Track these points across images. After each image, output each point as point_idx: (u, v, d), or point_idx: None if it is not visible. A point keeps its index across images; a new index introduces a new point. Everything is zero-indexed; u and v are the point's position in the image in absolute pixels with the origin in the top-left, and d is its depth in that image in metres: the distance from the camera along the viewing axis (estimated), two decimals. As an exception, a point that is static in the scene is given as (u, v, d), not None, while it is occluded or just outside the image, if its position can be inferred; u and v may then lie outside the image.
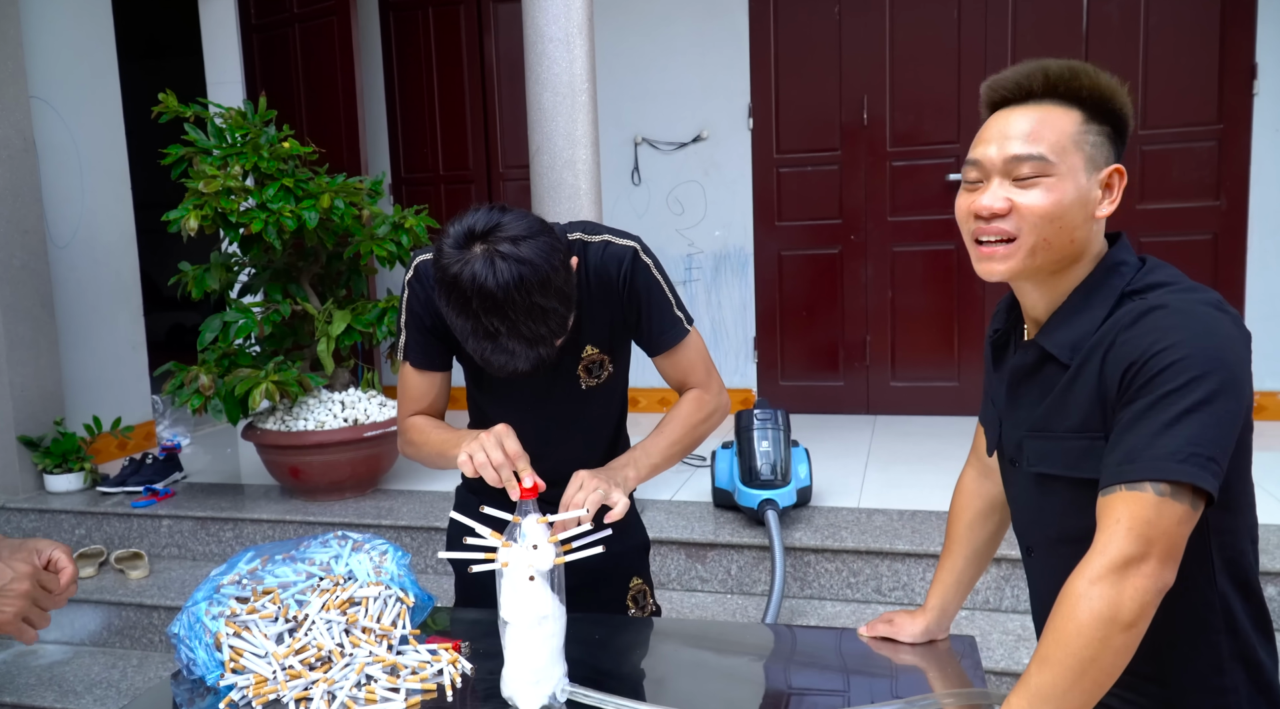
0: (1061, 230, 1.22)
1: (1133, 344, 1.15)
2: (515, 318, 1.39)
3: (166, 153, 3.53)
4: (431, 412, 1.77)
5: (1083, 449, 1.22)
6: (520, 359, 1.44)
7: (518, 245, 1.39)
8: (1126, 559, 1.09)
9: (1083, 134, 1.22)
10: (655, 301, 1.67)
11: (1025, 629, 2.84)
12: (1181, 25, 4.36)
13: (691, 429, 1.72)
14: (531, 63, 3.22)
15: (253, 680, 1.50)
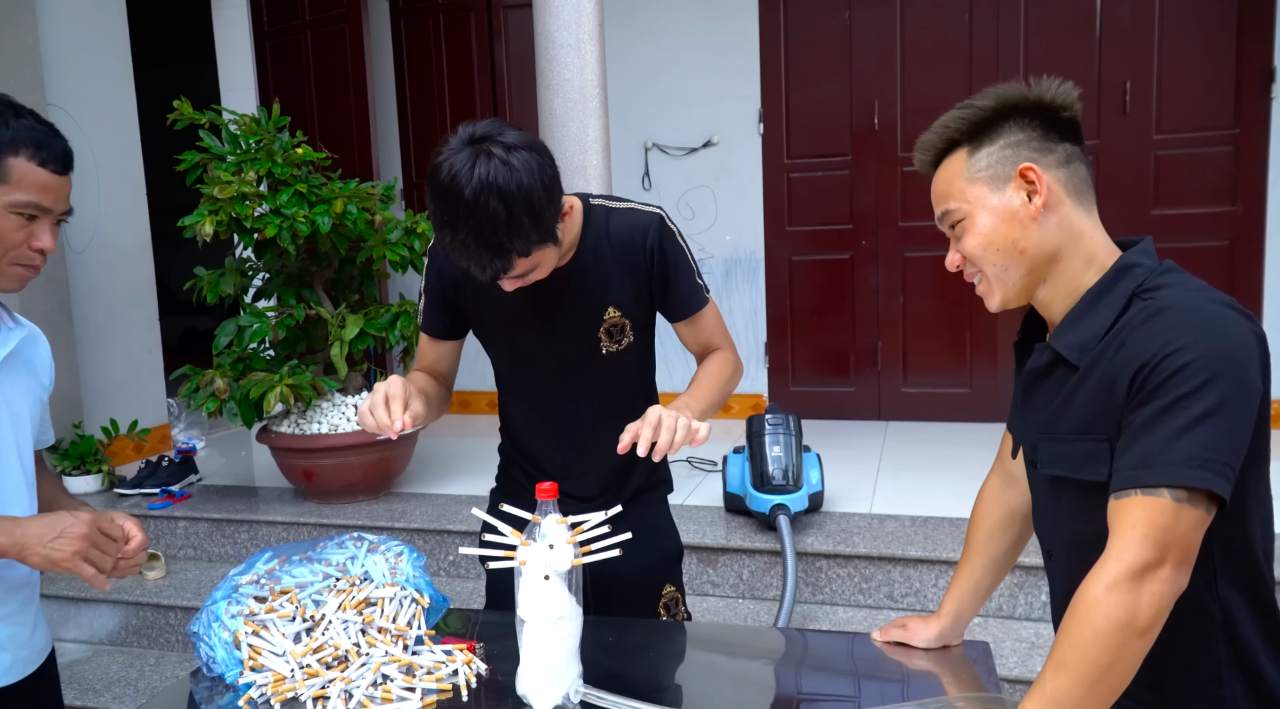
0: (1003, 250, 1.28)
1: (1143, 345, 1.15)
2: (479, 218, 1.40)
3: (181, 159, 3.55)
4: (434, 373, 1.83)
5: (1087, 452, 1.22)
6: (475, 262, 1.45)
7: (509, 153, 1.42)
8: (1144, 564, 1.09)
9: (972, 166, 1.28)
10: (681, 268, 1.72)
11: (1039, 636, 2.84)
12: (1197, 29, 4.35)
13: (723, 384, 1.75)
14: (543, 68, 3.23)
15: (271, 679, 1.51)
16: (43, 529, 1.31)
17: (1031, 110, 1.27)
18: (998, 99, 1.28)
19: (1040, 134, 1.27)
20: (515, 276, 1.53)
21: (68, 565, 1.29)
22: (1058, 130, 1.28)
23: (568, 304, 1.70)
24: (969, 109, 1.29)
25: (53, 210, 1.41)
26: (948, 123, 1.31)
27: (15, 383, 1.51)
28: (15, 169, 1.35)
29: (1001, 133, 1.28)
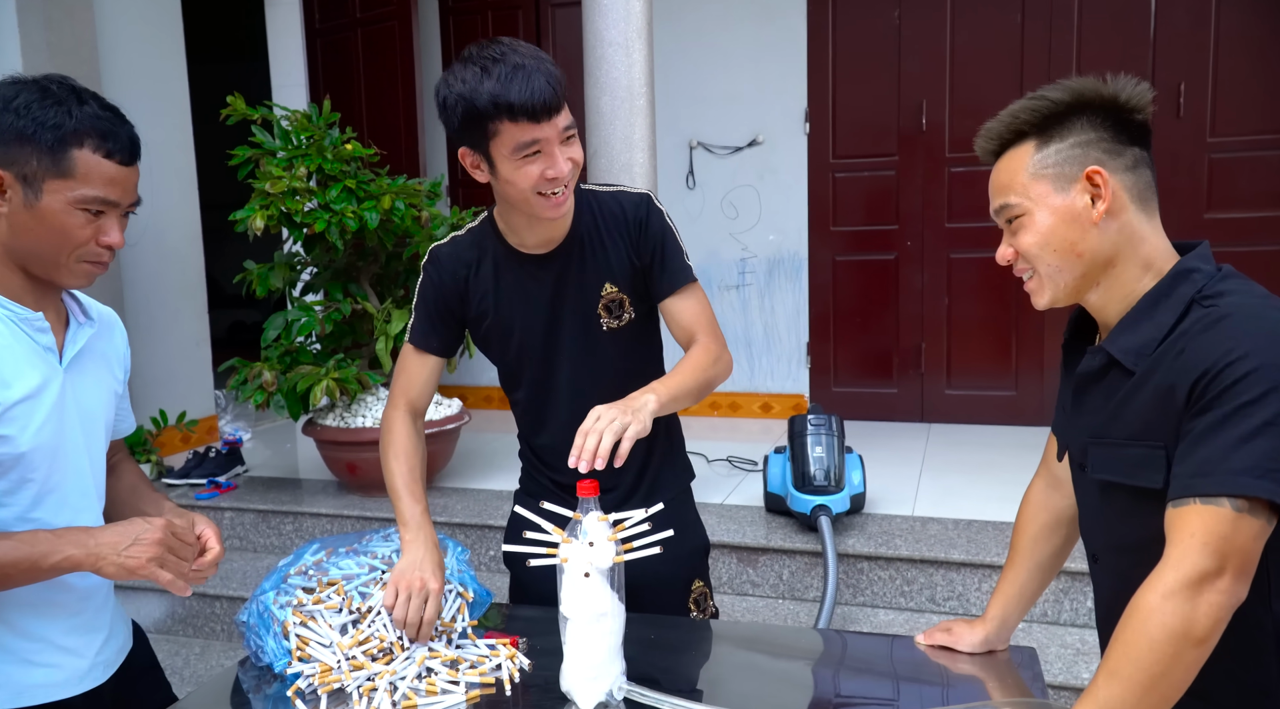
0: (1060, 251, 1.25)
1: (1205, 353, 1.13)
2: (523, 49, 1.52)
3: (233, 154, 3.61)
4: (418, 399, 1.84)
5: (1141, 457, 1.20)
6: (536, 82, 1.49)
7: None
8: (1202, 574, 1.08)
9: (1039, 161, 1.25)
10: (669, 244, 1.74)
11: (1084, 643, 2.80)
12: (1253, 30, 4.26)
13: (703, 372, 1.70)
14: (590, 67, 3.24)
15: (318, 669, 1.53)
16: (116, 538, 1.29)
17: (1104, 109, 1.24)
18: (1071, 93, 1.24)
19: (1111, 135, 1.24)
20: (564, 135, 1.55)
21: (144, 573, 1.29)
22: (1128, 133, 1.25)
23: (566, 282, 1.72)
24: (1041, 101, 1.25)
25: (120, 203, 1.36)
26: (1017, 112, 1.27)
27: (87, 381, 1.49)
28: (80, 162, 1.30)
29: (1072, 129, 1.24)
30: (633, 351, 1.78)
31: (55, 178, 1.29)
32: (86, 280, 1.38)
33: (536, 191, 1.57)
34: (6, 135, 1.28)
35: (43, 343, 1.39)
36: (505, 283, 1.75)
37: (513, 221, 1.71)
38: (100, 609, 1.55)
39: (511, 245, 1.74)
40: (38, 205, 1.29)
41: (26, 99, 1.29)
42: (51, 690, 1.45)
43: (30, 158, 1.28)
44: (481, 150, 1.57)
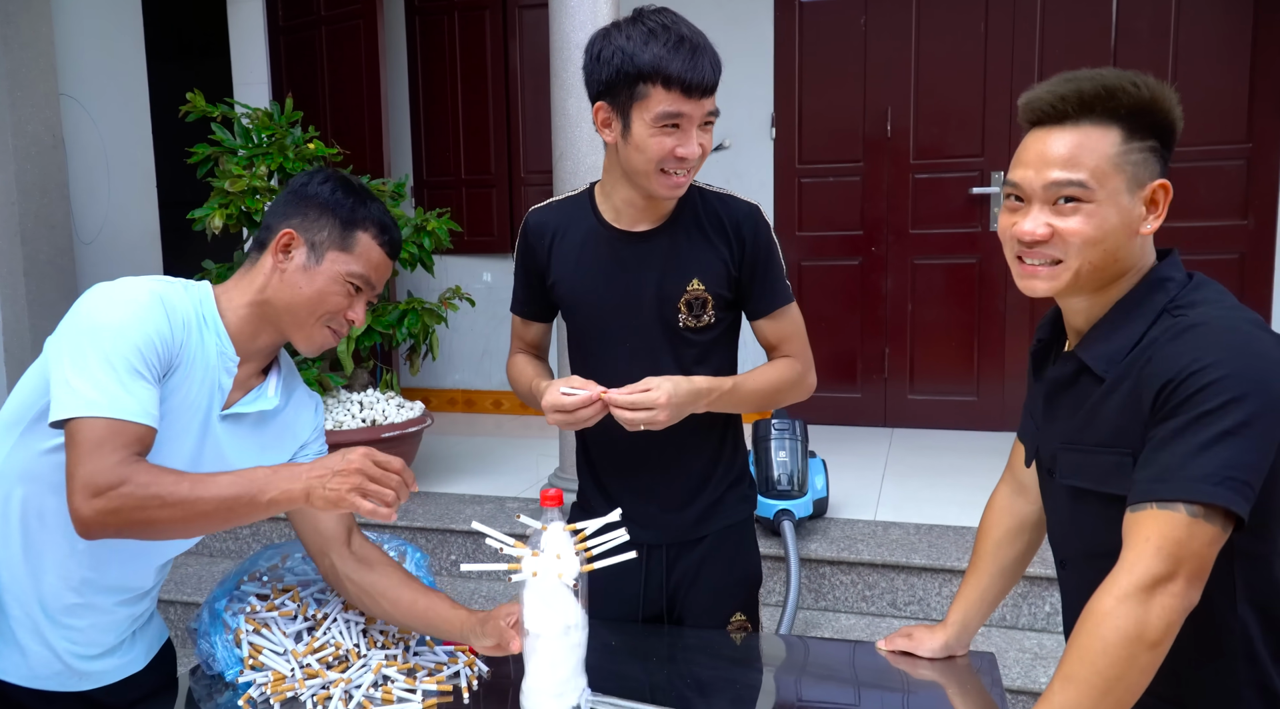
0: (1105, 253, 1.21)
1: (1171, 361, 1.13)
2: (688, 24, 1.56)
3: (193, 152, 3.55)
4: (531, 350, 1.89)
5: (1112, 464, 1.21)
6: (700, 50, 1.53)
7: None
8: (1155, 578, 1.09)
9: (1123, 154, 1.19)
10: (773, 261, 1.74)
11: (1042, 648, 2.82)
12: (1212, 43, 4.33)
13: (777, 389, 1.74)
14: (557, 68, 3.23)
15: (271, 677, 1.51)
16: (321, 472, 1.31)
17: (1165, 115, 1.21)
18: (1152, 90, 1.19)
19: (1165, 148, 1.22)
20: (705, 119, 1.58)
21: (346, 503, 1.29)
22: (1173, 143, 1.23)
23: (653, 266, 1.69)
24: (1140, 89, 1.18)
25: (375, 287, 1.51)
26: (1114, 88, 1.18)
27: (238, 443, 1.50)
28: (361, 243, 1.47)
29: (1148, 130, 1.20)
30: (703, 357, 1.73)
31: (338, 250, 1.45)
32: (315, 349, 1.51)
33: (661, 166, 1.57)
34: (310, 205, 1.46)
35: (222, 383, 1.46)
36: (589, 254, 1.71)
37: (616, 194, 1.69)
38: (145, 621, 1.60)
39: (606, 220, 1.71)
40: (315, 269, 1.45)
41: (332, 184, 1.48)
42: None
43: (324, 228, 1.45)
44: (621, 109, 1.57)
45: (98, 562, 1.43)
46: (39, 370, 1.38)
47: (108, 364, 1.28)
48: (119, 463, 1.25)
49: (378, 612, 1.55)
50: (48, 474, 1.37)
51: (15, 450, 1.39)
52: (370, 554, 1.58)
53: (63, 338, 1.32)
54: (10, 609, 1.41)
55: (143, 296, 1.35)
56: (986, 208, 4.62)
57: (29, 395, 1.38)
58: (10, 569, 1.41)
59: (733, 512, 1.83)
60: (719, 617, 1.82)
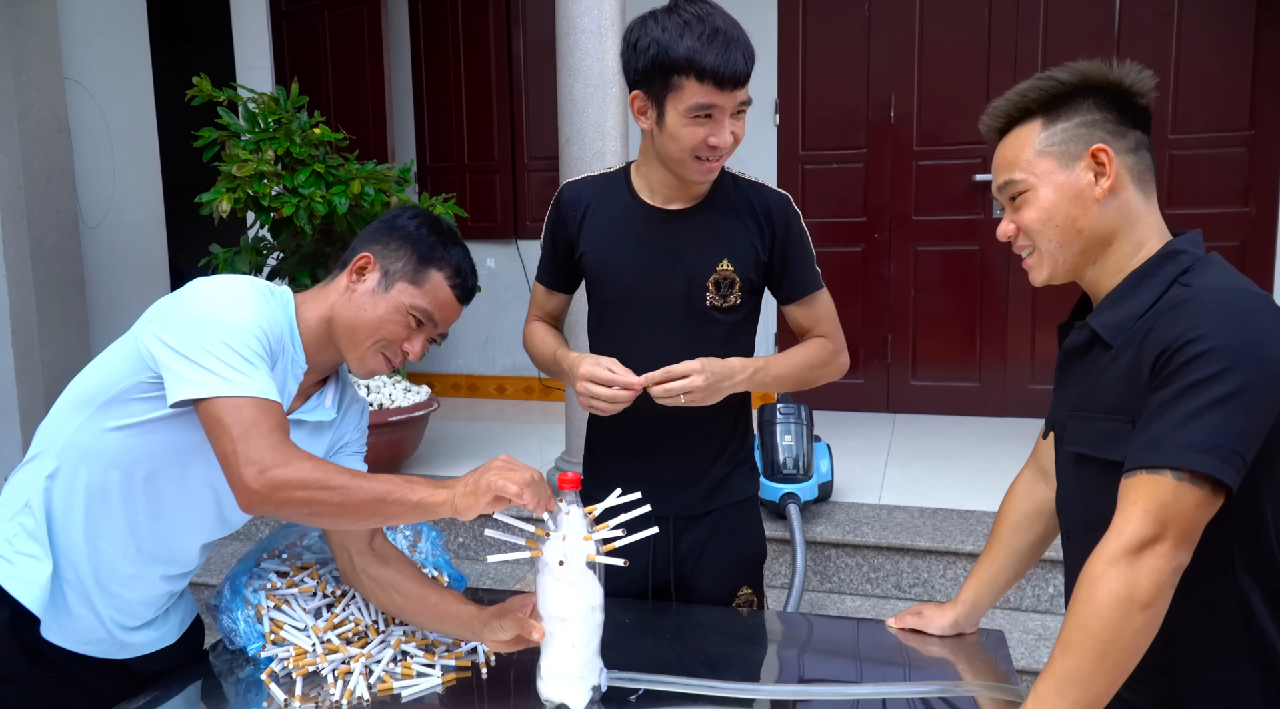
0: (1062, 227, 1.29)
1: (1168, 330, 1.16)
2: (723, 14, 1.58)
3: (198, 136, 3.55)
4: (549, 319, 1.94)
5: (1112, 431, 1.23)
6: (731, 44, 1.55)
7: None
8: (1142, 540, 1.11)
9: (1045, 139, 1.29)
10: (805, 250, 1.79)
11: (1046, 628, 2.85)
12: (1214, 30, 4.33)
13: (809, 368, 1.79)
14: (563, 54, 3.23)
15: (293, 652, 1.53)
16: (461, 483, 1.33)
17: (1110, 92, 1.28)
18: (1079, 75, 1.28)
19: (1115, 117, 1.28)
20: (737, 109, 1.60)
21: (491, 489, 1.29)
22: (1131, 116, 1.28)
23: (685, 244, 1.73)
24: (1049, 81, 1.29)
25: (439, 325, 1.55)
26: (1025, 91, 1.31)
27: (300, 444, 1.50)
28: (432, 280, 1.51)
29: (1078, 110, 1.28)
30: (727, 336, 1.77)
31: (408, 282, 1.50)
32: (367, 373, 1.54)
33: (695, 154, 1.61)
34: (394, 236, 1.52)
35: (289, 388, 1.49)
36: (621, 228, 1.76)
37: (652, 175, 1.74)
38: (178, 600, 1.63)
39: (641, 197, 1.76)
40: (381, 295, 1.50)
41: (420, 221, 1.54)
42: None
43: (401, 258, 1.51)
44: (656, 98, 1.61)
45: (154, 537, 1.47)
46: (121, 354, 1.41)
47: (236, 349, 1.33)
48: (280, 443, 1.29)
49: (390, 606, 1.58)
50: (112, 452, 1.40)
51: (82, 429, 1.42)
52: (388, 551, 1.60)
53: (175, 325, 1.35)
54: (65, 574, 1.44)
55: (252, 291, 1.41)
56: (988, 195, 4.63)
57: (107, 377, 1.41)
58: (69, 537, 1.44)
59: (739, 489, 1.87)
60: (726, 590, 1.86)
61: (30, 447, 1.48)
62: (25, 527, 1.42)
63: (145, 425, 1.39)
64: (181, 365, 1.32)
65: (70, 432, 1.43)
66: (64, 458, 1.42)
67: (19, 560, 1.41)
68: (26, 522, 1.42)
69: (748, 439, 1.89)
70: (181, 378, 1.31)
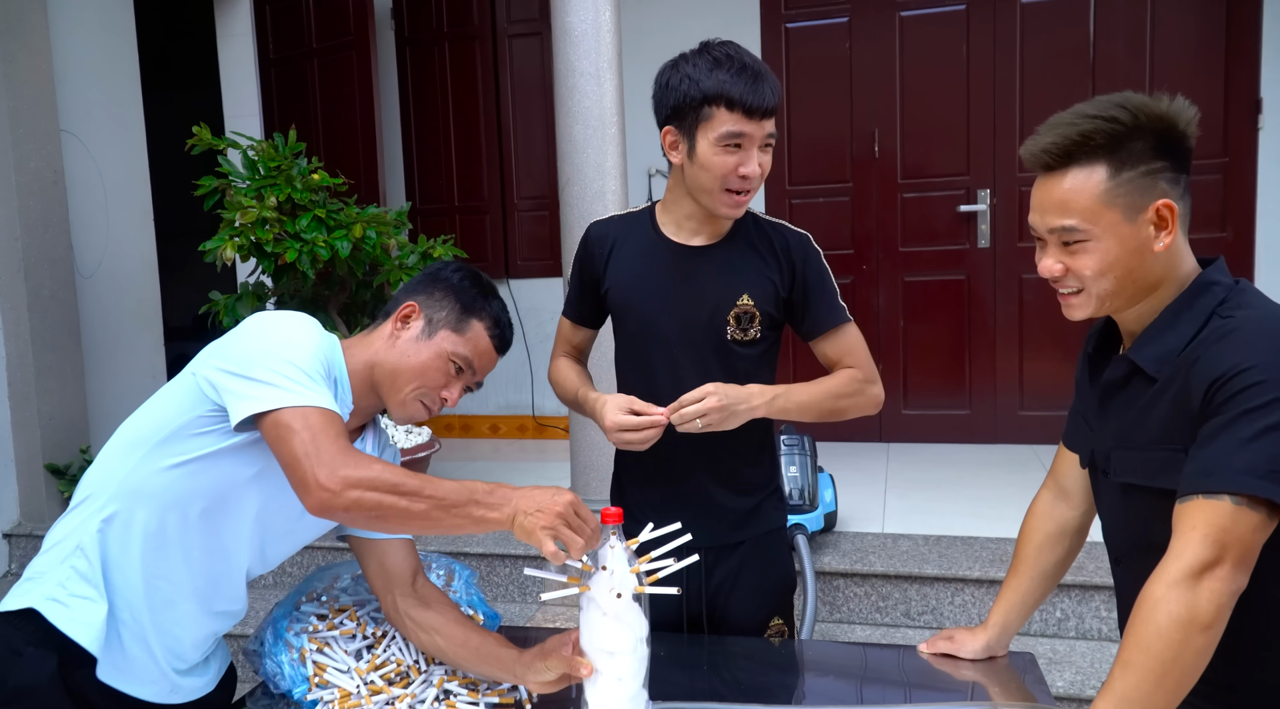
0: (1119, 278, 1.30)
1: (1218, 361, 1.20)
2: (748, 54, 1.68)
3: (198, 185, 3.58)
4: (574, 354, 1.99)
5: (1164, 460, 1.27)
6: (759, 79, 1.64)
7: None
8: (1202, 564, 1.15)
9: (1112, 189, 1.26)
10: (826, 285, 1.84)
11: (1055, 653, 2.88)
12: (1187, 59, 4.46)
13: (835, 397, 1.82)
14: (562, 96, 3.29)
15: (337, 695, 1.54)
16: (528, 504, 1.35)
17: (1165, 132, 1.26)
18: (1139, 114, 1.25)
19: (1171, 163, 1.27)
20: (765, 141, 1.68)
21: (535, 538, 1.32)
22: (1182, 156, 1.29)
23: (708, 278, 1.78)
24: (1114, 123, 1.25)
25: (477, 374, 1.61)
26: (1089, 132, 1.25)
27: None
28: (473, 329, 1.58)
29: (1140, 157, 1.26)
30: (748, 369, 1.81)
31: (450, 330, 1.57)
32: (406, 419, 1.58)
33: (725, 186, 1.68)
34: (438, 286, 1.59)
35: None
36: (646, 264, 1.81)
37: (679, 210, 1.80)
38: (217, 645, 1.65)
39: (665, 234, 1.82)
40: (425, 342, 1.56)
41: (463, 274, 1.62)
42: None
43: (444, 308, 1.58)
44: (688, 132, 1.69)
45: (208, 575, 1.49)
46: (176, 393, 1.45)
47: (300, 368, 1.37)
48: (349, 448, 1.33)
49: (432, 648, 1.59)
50: (169, 490, 1.43)
51: (136, 470, 1.44)
52: (430, 593, 1.62)
53: (236, 354, 1.39)
54: (121, 615, 1.45)
55: (310, 324, 1.46)
56: (974, 225, 4.73)
57: (162, 416, 1.44)
58: (126, 578, 1.45)
59: (768, 519, 1.90)
60: (758, 620, 1.88)
61: (76, 492, 1.49)
62: (78, 569, 1.43)
63: (202, 461, 1.42)
64: (245, 386, 1.35)
65: (123, 473, 1.44)
66: (119, 500, 1.44)
67: (74, 602, 1.42)
68: (79, 564, 1.43)
69: (775, 470, 1.93)
70: (245, 397, 1.34)
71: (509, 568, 3.44)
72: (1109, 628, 2.95)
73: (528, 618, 3.25)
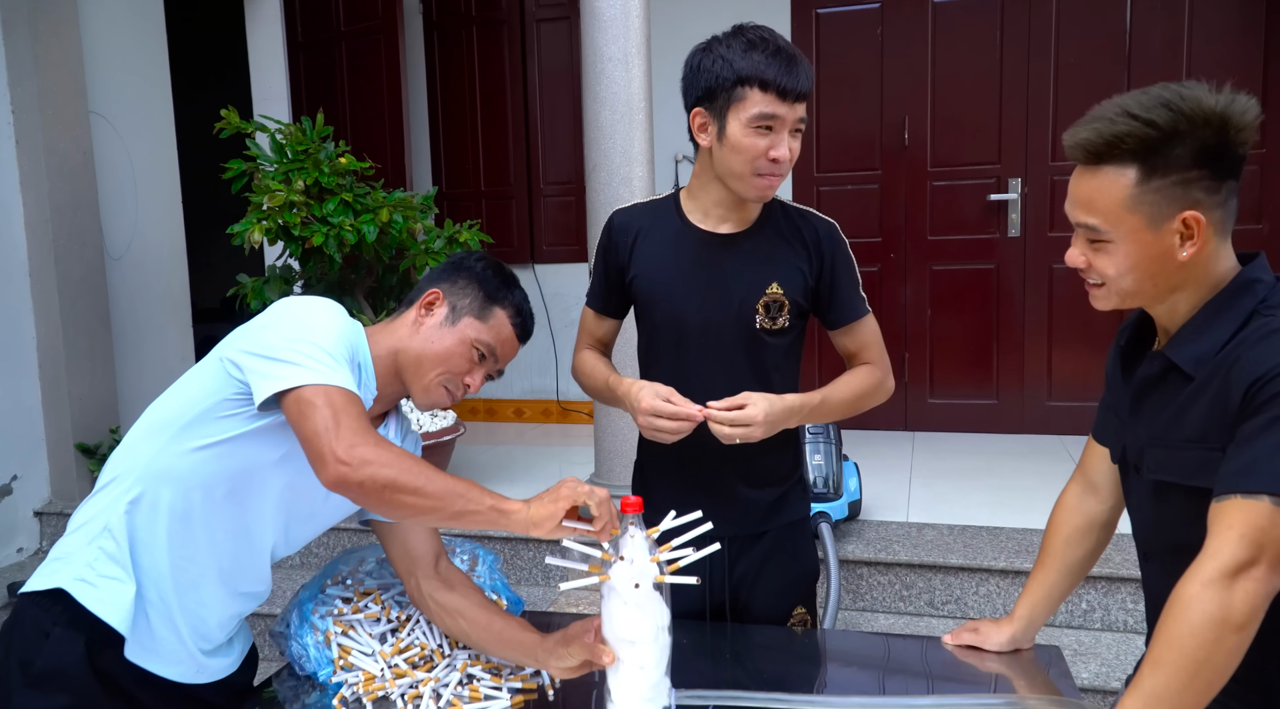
0: (1139, 281, 1.28)
1: (1259, 361, 1.18)
2: (781, 39, 1.68)
3: (227, 167, 3.60)
4: (598, 346, 1.96)
5: (1200, 460, 1.25)
6: (793, 61, 1.64)
7: None
8: (1239, 564, 1.13)
9: (1139, 195, 1.22)
10: (851, 276, 1.83)
11: (1080, 644, 2.86)
12: (1224, 51, 4.39)
13: (861, 397, 1.83)
14: (589, 82, 3.28)
15: (362, 677, 1.55)
16: (537, 498, 1.37)
17: (1212, 137, 1.20)
18: (1181, 119, 1.19)
19: (1211, 172, 1.21)
20: (796, 125, 1.66)
21: (556, 508, 1.35)
22: (1228, 163, 1.22)
23: (736, 268, 1.77)
24: (1151, 127, 1.20)
25: (499, 361, 1.62)
26: (1122, 134, 1.21)
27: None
28: (496, 317, 1.60)
29: (1176, 162, 1.20)
30: (776, 359, 1.81)
31: (474, 318, 1.59)
32: (430, 405, 1.60)
33: (755, 169, 1.66)
34: (461, 275, 1.61)
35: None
36: (673, 252, 1.79)
37: (706, 196, 1.78)
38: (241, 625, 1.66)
39: (692, 222, 1.80)
40: (449, 329, 1.57)
41: (485, 264, 1.63)
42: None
43: (468, 296, 1.60)
44: (719, 113, 1.67)
45: (234, 556, 1.51)
46: (202, 376, 1.46)
47: (325, 349, 1.38)
48: (368, 428, 1.33)
49: (455, 631, 1.60)
50: (195, 472, 1.44)
51: (162, 452, 1.45)
52: (454, 576, 1.63)
53: (261, 337, 1.41)
54: (149, 595, 1.47)
55: (336, 309, 1.47)
56: (1004, 214, 4.68)
57: (188, 398, 1.46)
58: (153, 559, 1.46)
59: (792, 510, 1.90)
60: (782, 610, 1.88)
61: (103, 474, 1.51)
62: (106, 550, 1.44)
63: (228, 443, 1.43)
64: (269, 366, 1.36)
65: (149, 456, 1.46)
66: (145, 482, 1.45)
67: (102, 583, 1.43)
68: (107, 545, 1.44)
69: (800, 461, 1.92)
70: (269, 376, 1.35)
71: (532, 552, 3.46)
72: (1135, 620, 2.93)
73: (551, 602, 3.26)
